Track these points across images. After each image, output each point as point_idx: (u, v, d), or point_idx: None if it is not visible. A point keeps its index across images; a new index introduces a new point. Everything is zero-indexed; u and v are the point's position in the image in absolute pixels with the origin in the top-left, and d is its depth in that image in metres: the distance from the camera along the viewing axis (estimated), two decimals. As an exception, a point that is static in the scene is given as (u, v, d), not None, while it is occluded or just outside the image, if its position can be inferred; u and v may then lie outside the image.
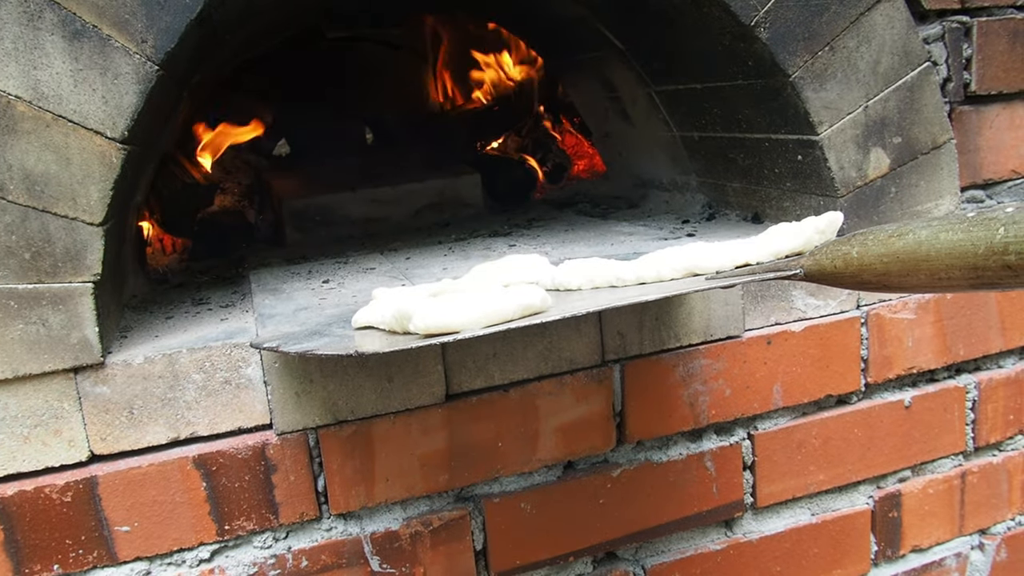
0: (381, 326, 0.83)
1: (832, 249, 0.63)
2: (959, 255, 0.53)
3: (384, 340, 0.78)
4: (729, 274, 0.73)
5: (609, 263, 0.91)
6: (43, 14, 0.85)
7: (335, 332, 0.88)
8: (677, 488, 1.16)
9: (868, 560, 1.29)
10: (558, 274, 0.93)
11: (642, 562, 1.17)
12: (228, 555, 0.99)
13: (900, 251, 0.56)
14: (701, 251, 0.83)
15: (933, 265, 0.54)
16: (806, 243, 0.80)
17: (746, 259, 0.80)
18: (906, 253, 0.56)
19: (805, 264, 0.66)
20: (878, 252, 0.58)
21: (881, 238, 0.58)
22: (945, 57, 1.24)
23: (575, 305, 0.74)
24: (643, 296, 0.68)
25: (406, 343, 0.71)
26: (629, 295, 0.77)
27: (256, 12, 1.27)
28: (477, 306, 0.71)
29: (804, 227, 0.81)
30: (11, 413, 0.90)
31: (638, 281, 0.85)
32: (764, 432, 1.20)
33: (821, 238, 0.81)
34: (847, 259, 0.61)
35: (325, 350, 0.77)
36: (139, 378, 0.93)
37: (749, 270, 0.71)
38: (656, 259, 0.86)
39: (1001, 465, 1.36)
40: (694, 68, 1.32)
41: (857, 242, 0.61)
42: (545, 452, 1.09)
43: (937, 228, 0.55)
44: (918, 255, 0.55)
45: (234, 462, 0.97)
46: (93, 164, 0.88)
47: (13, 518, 0.91)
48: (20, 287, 0.88)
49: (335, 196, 1.62)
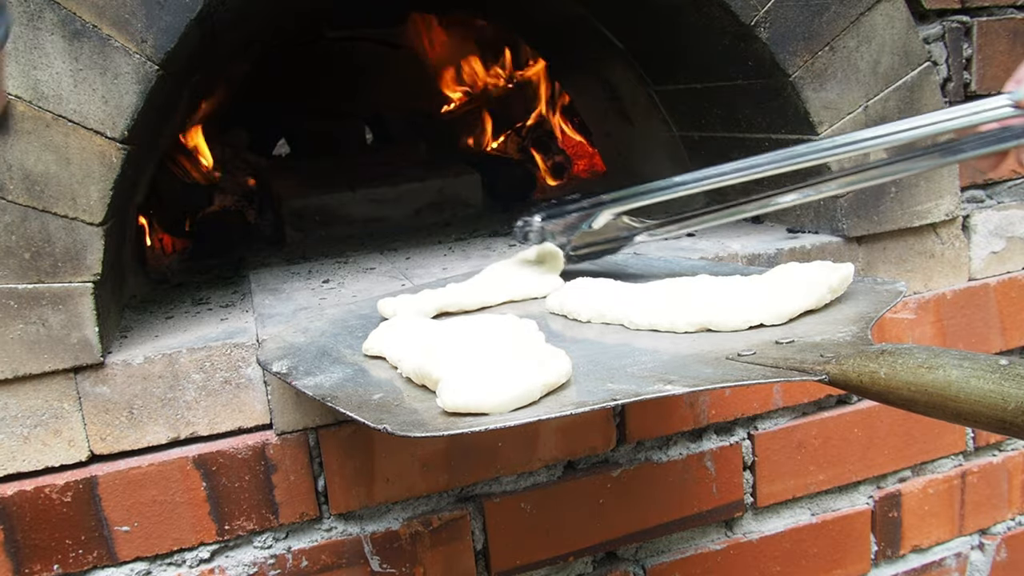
0: (397, 367, 0.79)
1: (860, 364, 0.63)
2: (988, 405, 0.54)
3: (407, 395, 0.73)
4: (752, 367, 0.71)
5: (619, 296, 0.89)
6: (43, 14, 0.85)
7: (346, 357, 0.84)
8: (677, 488, 1.16)
9: (868, 560, 1.29)
10: (567, 300, 0.92)
11: (642, 562, 1.17)
12: (228, 555, 0.99)
13: (929, 385, 0.57)
14: (716, 308, 0.82)
15: (960, 407, 0.55)
16: (819, 302, 0.82)
17: (760, 321, 0.80)
18: (935, 389, 0.57)
19: (831, 372, 0.65)
20: (906, 380, 0.59)
21: (911, 366, 0.59)
22: (945, 57, 1.24)
23: (595, 390, 0.69)
24: (665, 391, 0.67)
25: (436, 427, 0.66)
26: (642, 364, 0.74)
27: (256, 12, 1.27)
28: (507, 386, 0.67)
29: (816, 285, 0.83)
30: (11, 413, 0.90)
31: (651, 328, 0.83)
32: (764, 432, 1.20)
33: (832, 296, 0.84)
34: (875, 378, 0.61)
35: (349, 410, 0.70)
36: (139, 378, 0.93)
37: (774, 370, 0.69)
38: (670, 306, 0.84)
39: (1001, 465, 1.36)
40: (694, 68, 1.32)
41: (886, 363, 0.61)
42: (545, 452, 1.09)
43: (968, 372, 0.55)
44: (947, 394, 0.56)
45: (234, 462, 0.96)
46: (93, 164, 0.88)
47: (13, 518, 0.91)
48: (20, 287, 0.88)
49: (335, 196, 1.62)
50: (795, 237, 1.22)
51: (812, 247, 1.18)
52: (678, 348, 0.78)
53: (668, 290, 0.89)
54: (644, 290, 0.90)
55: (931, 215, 1.23)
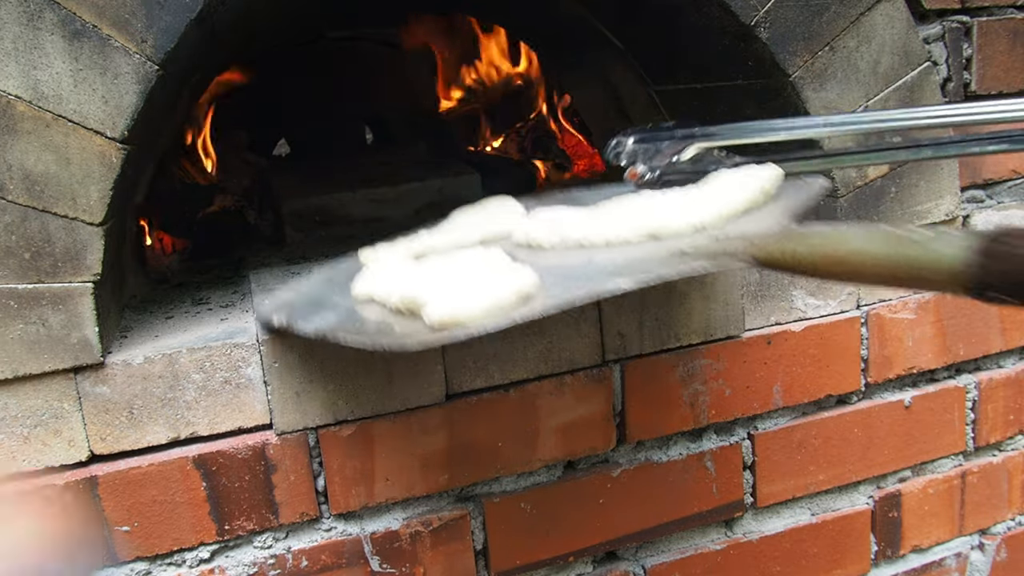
0: (385, 303, 0.85)
1: (780, 243, 0.75)
2: (882, 265, 0.68)
3: (398, 325, 0.81)
4: (693, 255, 0.81)
5: (578, 221, 0.96)
6: (43, 14, 0.85)
7: (338, 303, 0.90)
8: (677, 488, 1.16)
9: (868, 560, 1.29)
10: (531, 231, 0.98)
11: (642, 562, 1.17)
12: (228, 555, 0.99)
13: (839, 254, 0.71)
14: (658, 213, 0.91)
15: (864, 269, 0.69)
16: (753, 202, 0.92)
17: (701, 221, 0.89)
18: (843, 256, 0.70)
19: (756, 254, 0.76)
20: (823, 252, 0.71)
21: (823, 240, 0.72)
22: (945, 57, 1.24)
23: (559, 295, 0.78)
24: (617, 284, 0.76)
25: (425, 338, 0.76)
26: (601, 269, 0.84)
27: (256, 12, 1.27)
28: (483, 296, 0.76)
29: (750, 187, 0.93)
30: (11, 413, 0.89)
31: (606, 243, 0.92)
32: (764, 432, 1.20)
33: (765, 197, 0.94)
34: (792, 255, 0.74)
35: (349, 337, 0.80)
36: (139, 378, 0.93)
37: (708, 259, 0.79)
38: (622, 220, 0.93)
39: (1001, 465, 1.36)
40: (694, 68, 1.32)
41: (800, 242, 0.74)
42: (545, 452, 1.09)
43: (867, 241, 0.69)
44: (853, 260, 0.69)
45: (234, 462, 0.97)
46: (93, 164, 0.88)
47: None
48: (20, 287, 0.88)
49: (335, 196, 1.61)
50: (795, 237, 1.22)
51: (812, 247, 1.18)
52: (633, 254, 0.87)
53: (620, 208, 0.98)
54: (600, 212, 0.98)
55: (931, 215, 1.23)
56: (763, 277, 1.16)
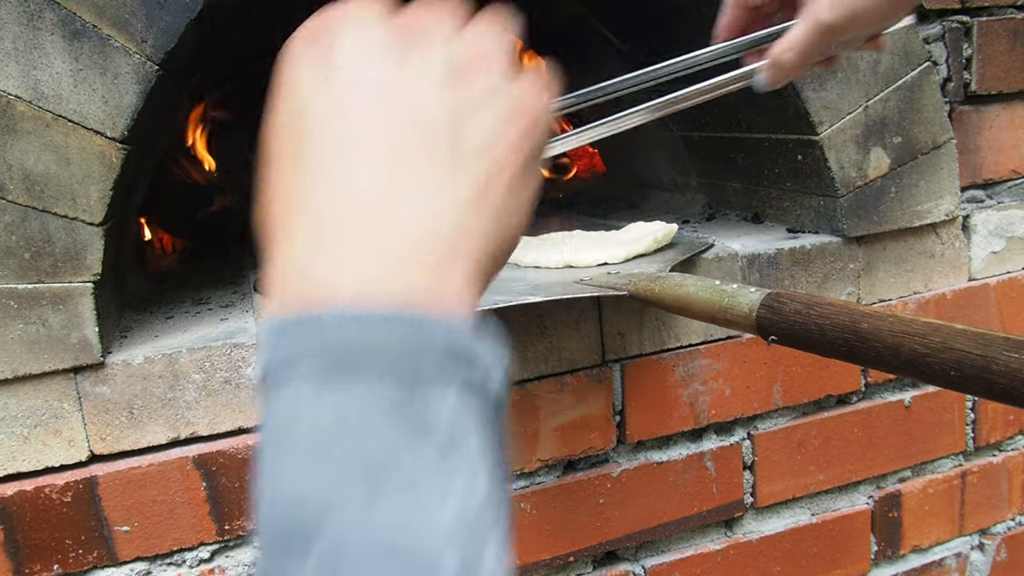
0: None
1: (646, 284, 0.94)
2: (709, 306, 0.84)
3: None
4: (589, 285, 1.02)
5: (521, 246, 1.11)
6: (43, 14, 0.85)
7: None
8: (677, 488, 1.16)
9: (868, 560, 1.29)
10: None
11: (642, 562, 1.17)
12: (228, 555, 0.99)
13: (679, 295, 0.89)
14: (576, 251, 1.14)
15: (695, 308, 0.86)
16: (647, 248, 1.14)
17: (605, 260, 1.13)
18: (682, 296, 0.88)
19: (630, 289, 0.95)
20: (669, 293, 0.90)
21: (671, 285, 0.91)
22: (945, 57, 1.24)
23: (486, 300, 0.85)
24: (529, 298, 0.97)
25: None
26: (527, 285, 1.05)
27: (256, 11, 1.27)
28: None
29: (646, 237, 1.15)
30: (11, 413, 0.90)
31: (534, 265, 1.15)
32: (764, 432, 1.20)
33: (657, 245, 1.15)
34: (651, 291, 0.93)
35: None
36: (139, 378, 0.93)
37: (596, 288, 1.00)
38: (551, 250, 1.16)
39: (1001, 465, 1.36)
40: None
41: (658, 284, 0.93)
42: (545, 452, 1.09)
43: (699, 288, 0.86)
44: (688, 300, 0.87)
45: (234, 462, 0.97)
46: (93, 164, 0.88)
47: (13, 518, 0.91)
48: (20, 287, 0.88)
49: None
50: (795, 237, 1.22)
51: (812, 247, 1.18)
52: (550, 277, 1.10)
53: (552, 240, 1.22)
54: (538, 241, 1.21)
55: (931, 215, 1.23)
56: (764, 277, 1.16)
